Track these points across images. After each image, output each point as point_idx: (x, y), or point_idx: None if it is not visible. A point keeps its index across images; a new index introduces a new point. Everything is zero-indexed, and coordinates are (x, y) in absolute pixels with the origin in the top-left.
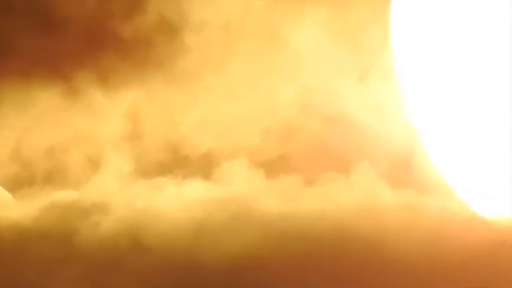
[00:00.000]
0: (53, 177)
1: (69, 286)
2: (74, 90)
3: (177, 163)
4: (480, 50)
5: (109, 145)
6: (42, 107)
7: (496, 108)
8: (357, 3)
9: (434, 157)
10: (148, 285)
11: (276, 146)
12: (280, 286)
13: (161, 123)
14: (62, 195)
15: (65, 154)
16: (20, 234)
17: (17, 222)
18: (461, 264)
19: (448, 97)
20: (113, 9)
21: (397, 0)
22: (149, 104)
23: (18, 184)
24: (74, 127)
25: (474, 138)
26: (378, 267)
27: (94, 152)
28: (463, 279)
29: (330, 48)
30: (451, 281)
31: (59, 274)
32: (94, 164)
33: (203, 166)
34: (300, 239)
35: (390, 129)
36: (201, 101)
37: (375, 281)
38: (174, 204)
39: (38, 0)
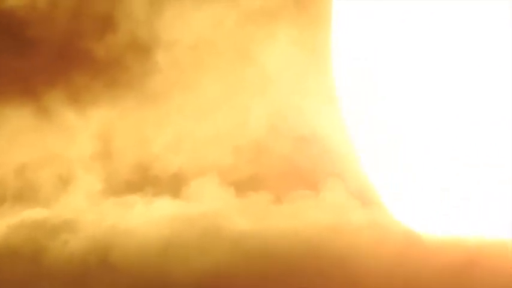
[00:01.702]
0: (23, 195)
1: None
2: (46, 109)
3: (147, 181)
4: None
5: (79, 164)
6: (13, 126)
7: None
8: (326, 23)
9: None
10: None
11: (246, 165)
12: None
13: (132, 142)
14: (32, 214)
15: (36, 173)
16: None
17: None
18: (427, 284)
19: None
20: (85, 29)
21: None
22: (120, 123)
23: None
24: (45, 146)
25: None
26: (347, 285)
27: (64, 171)
28: None
29: (300, 68)
30: None
31: None
32: (64, 182)
33: (173, 184)
34: (268, 257)
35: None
36: (172, 120)
37: None
38: (143, 222)
39: (10, 20)
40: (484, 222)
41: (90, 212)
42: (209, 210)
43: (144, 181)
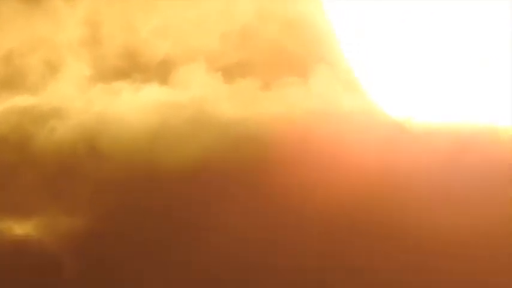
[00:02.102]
0: (11, 82)
1: (26, 191)
2: None
3: (134, 68)
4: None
5: (67, 50)
6: (1, 12)
7: None
8: None
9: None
10: (105, 190)
11: (234, 50)
12: (235, 189)
13: (120, 28)
14: (20, 101)
15: (24, 59)
16: None
17: None
18: (416, 170)
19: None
20: None
21: None
22: (108, 9)
23: None
24: (33, 32)
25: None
26: (335, 170)
27: (52, 57)
28: (416, 185)
29: None
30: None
31: (16, 180)
32: (52, 69)
33: (161, 71)
34: (256, 143)
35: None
36: (160, 6)
37: (332, 183)
38: (131, 109)
39: None
40: (473, 109)
41: (78, 99)
42: (197, 96)
43: (132, 68)
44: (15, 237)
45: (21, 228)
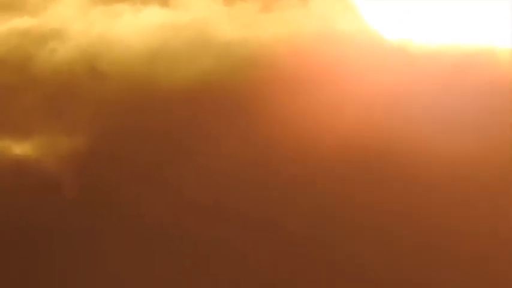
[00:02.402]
0: (11, 4)
1: (26, 112)
2: None
3: None
4: None
5: None
6: None
7: None
8: None
9: None
10: (105, 111)
11: None
12: (234, 111)
13: None
14: (20, 22)
15: None
16: None
17: None
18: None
19: None
20: None
21: None
22: None
23: None
24: None
25: None
26: (333, 92)
27: None
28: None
29: None
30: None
31: (16, 100)
32: None
33: None
34: (256, 65)
35: None
36: None
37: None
38: (131, 31)
39: None
40: (472, 31)
41: (78, 21)
42: (197, 18)
43: None
44: (14, 156)
45: (20, 148)
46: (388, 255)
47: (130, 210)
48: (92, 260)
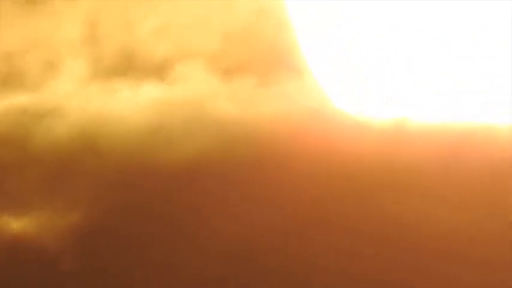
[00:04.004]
0: (10, 81)
1: (25, 188)
2: None
3: (133, 66)
4: None
5: (66, 49)
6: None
7: None
8: None
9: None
10: (103, 188)
11: (232, 49)
12: (234, 189)
13: (119, 26)
14: (18, 99)
15: (22, 58)
16: None
17: None
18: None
19: None
20: None
21: None
22: (107, 7)
23: None
24: (31, 31)
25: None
26: (334, 169)
27: (51, 56)
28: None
29: None
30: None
31: (14, 177)
32: (50, 67)
33: (159, 69)
34: (255, 142)
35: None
36: (159, 5)
37: (329, 183)
38: (129, 107)
39: None
40: (470, 107)
41: (76, 98)
42: (195, 95)
43: (131, 66)
44: (13, 232)
45: (19, 224)
46: None
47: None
48: None
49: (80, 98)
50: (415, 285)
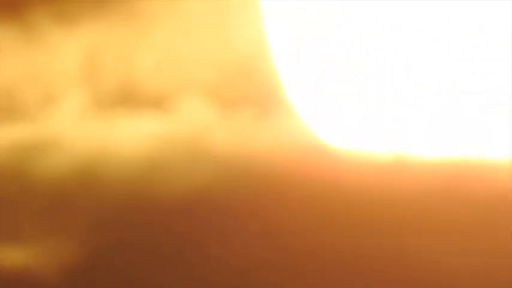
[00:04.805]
0: (7, 113)
1: (23, 221)
2: (31, 25)
3: (132, 99)
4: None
5: (64, 82)
6: None
7: None
8: None
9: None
10: (101, 221)
11: (232, 83)
12: (233, 224)
13: (118, 60)
14: (16, 131)
15: (20, 91)
16: None
17: None
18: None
19: None
20: None
21: None
22: (106, 41)
23: None
24: (29, 63)
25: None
26: (333, 204)
27: (49, 89)
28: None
29: None
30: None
31: (12, 210)
32: (49, 100)
33: (158, 102)
34: (255, 175)
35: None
36: (159, 39)
37: (328, 217)
38: (128, 140)
39: None
40: (469, 142)
41: (75, 130)
42: (194, 128)
43: (129, 99)
44: (7, 264)
45: (16, 258)
46: None
47: None
48: None
49: (79, 131)
50: None
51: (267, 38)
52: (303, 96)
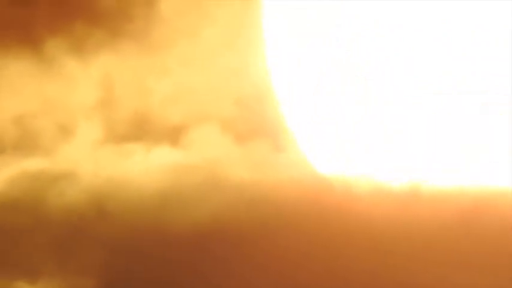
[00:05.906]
0: (22, 145)
1: (37, 254)
2: (46, 56)
3: (146, 131)
4: None
5: (79, 113)
6: (13, 74)
7: None
8: None
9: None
10: (115, 252)
11: (247, 113)
12: (248, 254)
13: (133, 91)
14: (31, 164)
15: (35, 122)
16: None
17: None
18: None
19: None
20: None
21: None
22: (122, 71)
23: None
24: (44, 94)
25: None
26: (348, 234)
27: (64, 120)
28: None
29: None
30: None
31: (26, 242)
32: (63, 131)
33: (173, 133)
34: (270, 206)
35: None
36: (174, 69)
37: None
38: (142, 172)
39: None
40: (486, 171)
41: (89, 162)
42: (209, 159)
43: (144, 130)
44: None
45: None
46: None
47: None
48: None
49: (93, 162)
50: None
51: (272, 70)
52: (310, 129)
